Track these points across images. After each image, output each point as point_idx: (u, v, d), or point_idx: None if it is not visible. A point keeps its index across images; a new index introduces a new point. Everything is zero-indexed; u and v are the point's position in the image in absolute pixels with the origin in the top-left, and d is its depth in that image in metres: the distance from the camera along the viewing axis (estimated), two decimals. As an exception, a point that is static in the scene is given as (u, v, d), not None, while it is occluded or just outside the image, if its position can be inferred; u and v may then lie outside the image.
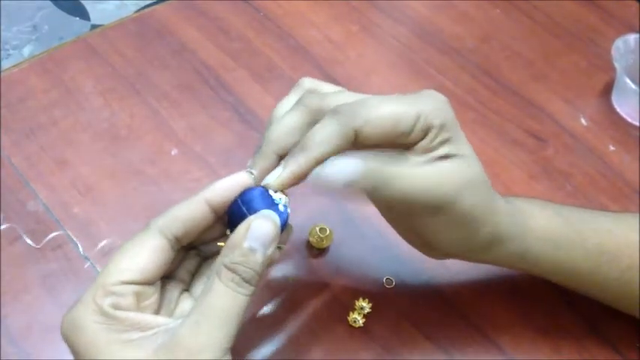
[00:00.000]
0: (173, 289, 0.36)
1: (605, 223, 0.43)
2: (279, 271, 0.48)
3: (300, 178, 0.34)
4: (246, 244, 0.32)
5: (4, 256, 0.47)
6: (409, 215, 0.39)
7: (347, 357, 0.45)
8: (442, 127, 0.36)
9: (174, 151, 0.55)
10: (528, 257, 0.41)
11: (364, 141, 0.35)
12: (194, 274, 0.37)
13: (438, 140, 0.36)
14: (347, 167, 0.34)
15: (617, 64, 0.60)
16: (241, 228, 0.32)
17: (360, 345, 0.45)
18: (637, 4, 0.72)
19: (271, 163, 0.35)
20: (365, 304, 0.46)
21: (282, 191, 0.35)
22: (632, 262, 0.42)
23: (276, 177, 0.34)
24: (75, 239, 0.48)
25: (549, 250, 0.41)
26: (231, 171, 0.49)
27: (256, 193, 0.34)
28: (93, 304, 0.31)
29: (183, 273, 0.37)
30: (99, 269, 0.47)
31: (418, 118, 0.35)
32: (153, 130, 0.56)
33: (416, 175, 0.36)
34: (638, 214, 0.44)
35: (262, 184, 0.35)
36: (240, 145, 0.56)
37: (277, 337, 0.45)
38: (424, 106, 0.36)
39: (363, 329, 0.46)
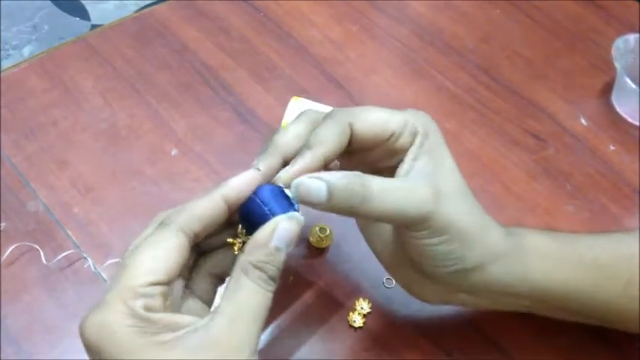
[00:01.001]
0: (177, 286, 0.36)
1: (600, 241, 0.43)
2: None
3: (311, 171, 0.36)
4: (272, 244, 0.33)
5: (3, 256, 0.47)
6: (394, 236, 0.40)
7: (347, 357, 0.45)
8: (427, 136, 0.38)
9: (174, 151, 0.55)
10: (527, 277, 0.41)
11: (359, 139, 0.37)
12: (191, 270, 0.37)
13: (424, 148, 0.38)
14: (320, 180, 0.34)
15: (617, 64, 0.60)
16: (267, 228, 0.33)
17: (360, 345, 0.45)
18: (637, 4, 0.72)
19: (277, 162, 0.37)
20: (365, 304, 0.46)
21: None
22: (631, 276, 0.41)
23: (285, 173, 0.35)
24: (75, 239, 0.48)
25: (547, 269, 0.41)
26: (231, 171, 0.49)
27: (275, 191, 0.35)
28: (124, 307, 0.31)
29: (183, 269, 0.37)
30: (99, 269, 0.47)
31: (406, 122, 0.38)
32: (153, 130, 0.56)
33: (392, 185, 0.36)
34: (631, 233, 0.44)
35: (273, 180, 0.36)
36: (240, 145, 0.56)
37: (277, 336, 0.45)
38: (410, 115, 0.38)
39: (363, 329, 0.46)
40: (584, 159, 0.58)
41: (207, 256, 0.37)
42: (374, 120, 0.37)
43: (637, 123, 0.62)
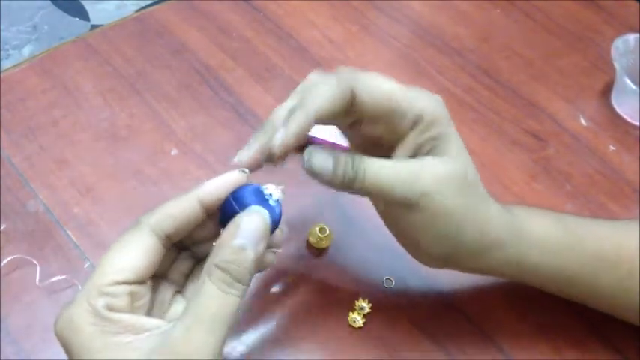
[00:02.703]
0: (166, 291, 0.35)
1: (604, 230, 0.43)
2: (278, 272, 0.48)
3: (300, 136, 0.35)
4: (235, 242, 0.32)
5: (4, 261, 0.46)
6: (393, 213, 0.39)
7: (347, 357, 0.45)
8: (432, 123, 0.37)
9: (173, 151, 0.55)
10: (525, 265, 0.41)
11: (360, 108, 0.36)
12: (187, 276, 0.37)
13: (426, 136, 0.37)
14: (325, 153, 0.35)
15: (616, 64, 0.60)
16: (230, 226, 0.32)
17: (360, 345, 0.45)
18: (637, 4, 0.72)
19: (265, 140, 0.36)
20: (365, 304, 0.46)
21: (276, 187, 0.35)
22: (632, 268, 0.41)
23: (278, 139, 0.34)
24: (75, 239, 0.48)
25: (547, 257, 0.41)
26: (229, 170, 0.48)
27: (247, 189, 0.34)
28: (87, 305, 0.31)
29: (175, 274, 0.37)
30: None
31: (411, 102, 0.36)
32: (153, 130, 0.56)
33: (391, 167, 0.36)
34: (637, 221, 0.44)
35: (269, 147, 0.34)
36: (239, 145, 0.55)
37: (277, 337, 0.45)
38: (419, 95, 0.37)
39: (363, 329, 0.46)
40: (583, 159, 0.58)
41: (202, 262, 0.36)
42: (378, 89, 0.36)
43: (637, 123, 0.62)
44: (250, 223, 0.32)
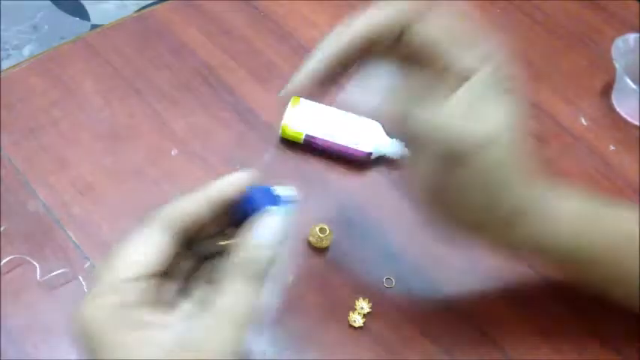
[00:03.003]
0: (170, 288, 0.35)
1: (628, 211, 0.43)
2: (279, 271, 0.48)
3: (317, 73, 0.36)
4: (254, 242, 0.32)
5: (3, 261, 0.46)
6: (437, 171, 0.39)
7: (347, 357, 0.45)
8: (480, 82, 0.36)
9: (174, 151, 0.55)
10: (549, 241, 0.41)
11: (405, 49, 0.36)
12: (190, 275, 0.37)
13: (476, 91, 0.36)
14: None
15: (617, 64, 0.60)
16: (251, 226, 0.33)
17: (360, 345, 0.45)
18: (637, 3, 0.72)
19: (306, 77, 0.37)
20: (365, 304, 0.46)
21: (287, 188, 0.35)
22: None
23: (296, 80, 0.36)
24: (75, 239, 0.48)
25: (570, 234, 0.41)
26: (231, 171, 0.49)
27: (263, 191, 0.35)
28: (105, 301, 0.31)
29: (178, 272, 0.36)
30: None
31: (457, 61, 0.36)
32: (153, 130, 0.56)
33: (447, 113, 0.35)
34: None
35: (286, 90, 0.36)
36: (240, 144, 0.56)
37: (277, 336, 0.45)
38: (468, 53, 0.37)
39: (363, 329, 0.46)
40: (584, 159, 0.58)
41: (207, 261, 0.37)
42: (426, 37, 0.36)
43: (637, 123, 0.62)
44: (268, 223, 0.33)
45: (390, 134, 0.55)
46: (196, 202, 0.34)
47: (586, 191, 0.43)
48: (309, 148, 0.55)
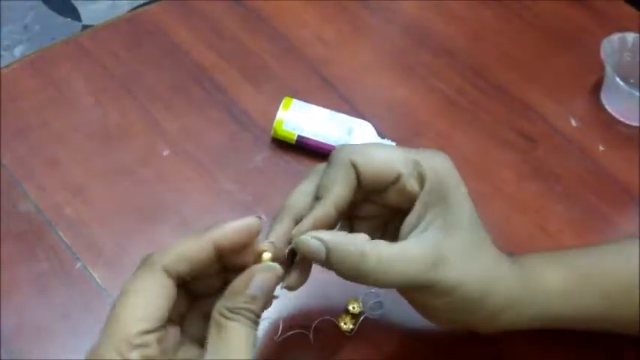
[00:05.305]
0: (173, 332, 0.35)
1: (611, 262, 0.43)
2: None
3: (325, 221, 0.36)
4: (249, 292, 0.33)
5: (-5, 257, 0.46)
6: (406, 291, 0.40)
7: None
8: (438, 181, 0.37)
9: (166, 152, 0.55)
10: (546, 317, 0.41)
11: (365, 179, 0.37)
12: (186, 313, 0.36)
13: (434, 195, 0.37)
14: (319, 241, 0.35)
15: (606, 64, 0.61)
16: (244, 276, 0.33)
17: (352, 348, 0.45)
18: (625, 4, 0.72)
19: (288, 226, 0.37)
20: (357, 307, 0.46)
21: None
22: None
23: (298, 229, 0.36)
24: (66, 240, 0.48)
25: (564, 306, 0.41)
26: (223, 171, 0.49)
27: None
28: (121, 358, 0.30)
29: (173, 312, 0.35)
30: (90, 270, 0.47)
31: (413, 163, 0.37)
32: (145, 131, 0.56)
33: (391, 255, 0.36)
34: (637, 240, 0.43)
35: (294, 232, 0.36)
36: (232, 145, 0.56)
37: (269, 340, 0.45)
38: (421, 156, 0.37)
39: (355, 332, 0.46)
40: (574, 159, 0.59)
41: (201, 299, 0.36)
42: (377, 159, 0.37)
43: (626, 121, 0.62)
44: (264, 278, 0.33)
45: (380, 134, 0.56)
46: (198, 246, 0.34)
47: (555, 253, 0.43)
48: (302, 148, 0.55)
